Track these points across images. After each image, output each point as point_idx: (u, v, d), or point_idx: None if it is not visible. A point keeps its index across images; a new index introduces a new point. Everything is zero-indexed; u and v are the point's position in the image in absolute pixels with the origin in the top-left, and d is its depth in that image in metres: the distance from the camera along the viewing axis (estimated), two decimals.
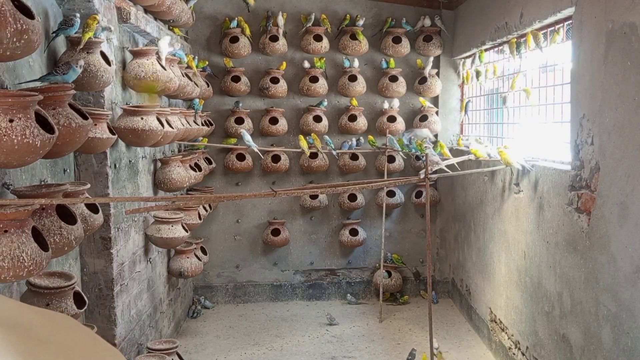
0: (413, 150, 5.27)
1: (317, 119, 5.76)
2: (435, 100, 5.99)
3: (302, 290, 6.04)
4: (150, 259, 4.19)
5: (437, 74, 5.89)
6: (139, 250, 3.92)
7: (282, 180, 5.91)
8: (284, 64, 5.74)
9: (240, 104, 5.75)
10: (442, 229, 6.10)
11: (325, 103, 5.80)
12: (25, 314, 1.04)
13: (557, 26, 3.72)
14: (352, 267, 6.12)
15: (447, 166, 4.28)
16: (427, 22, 5.75)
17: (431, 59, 5.76)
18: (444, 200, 6.01)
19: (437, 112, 5.91)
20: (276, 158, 5.73)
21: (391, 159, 5.82)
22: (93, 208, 2.83)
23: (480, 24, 4.99)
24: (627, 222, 2.67)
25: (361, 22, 5.71)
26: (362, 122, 5.79)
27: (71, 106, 2.44)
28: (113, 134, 3.04)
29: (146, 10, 3.96)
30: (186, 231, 4.18)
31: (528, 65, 4.24)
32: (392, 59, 5.78)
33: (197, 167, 4.87)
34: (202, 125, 5.14)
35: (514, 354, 4.13)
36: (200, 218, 4.76)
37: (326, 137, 5.70)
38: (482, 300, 4.88)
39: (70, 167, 3.11)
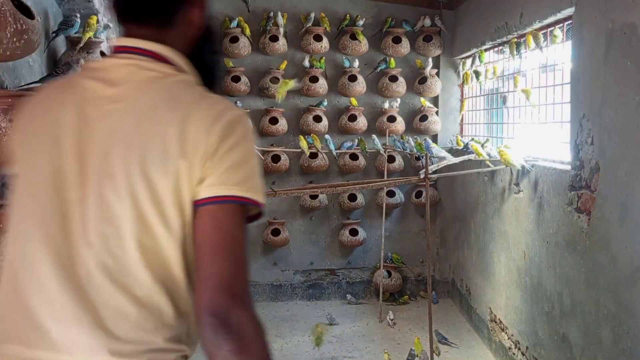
0: (410, 150, 5.30)
1: (317, 119, 5.76)
2: (435, 100, 5.99)
3: (302, 290, 6.04)
4: None
5: (437, 74, 5.89)
6: None
7: (282, 180, 5.91)
8: (284, 63, 5.73)
9: (240, 104, 5.75)
10: (442, 229, 6.09)
11: (325, 103, 5.80)
12: None
13: (556, 26, 3.72)
14: (352, 267, 6.11)
15: (447, 166, 4.29)
16: (427, 22, 5.75)
17: (431, 59, 5.76)
18: (444, 200, 6.01)
19: (437, 112, 5.91)
20: (276, 158, 5.73)
21: (391, 159, 5.81)
22: None
23: (480, 24, 4.99)
24: (627, 222, 2.67)
25: (361, 22, 5.71)
26: (362, 122, 5.79)
27: None
28: None
29: None
30: None
31: (528, 65, 4.24)
32: (392, 59, 5.78)
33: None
34: None
35: (514, 354, 4.13)
36: None
37: (327, 137, 5.70)
38: (482, 300, 4.88)
39: None
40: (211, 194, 1.09)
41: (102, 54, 2.96)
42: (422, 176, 3.54)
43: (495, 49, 5.00)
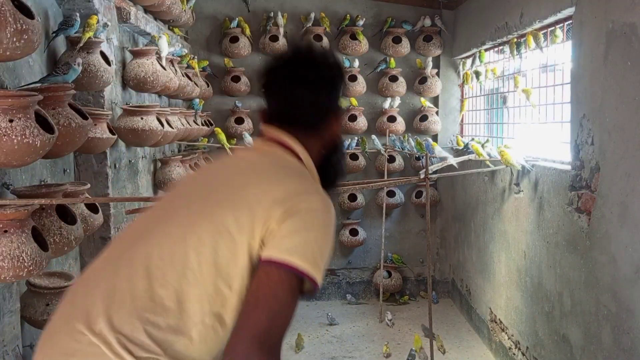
0: (409, 150, 5.32)
1: None
2: (435, 100, 5.99)
3: None
4: None
5: (437, 74, 5.89)
6: None
7: None
8: None
9: (240, 104, 5.75)
10: (442, 229, 6.09)
11: None
12: None
13: (556, 26, 3.72)
14: (352, 267, 6.11)
15: (447, 166, 4.28)
16: (427, 22, 5.75)
17: (431, 59, 5.76)
18: (444, 200, 6.01)
19: (437, 112, 5.91)
20: None
21: (391, 159, 5.81)
22: (93, 208, 2.83)
23: (480, 24, 4.98)
24: (627, 222, 2.67)
25: (361, 22, 5.71)
26: (362, 122, 5.79)
27: (71, 106, 2.44)
28: (113, 134, 3.03)
29: (146, 10, 3.96)
30: None
31: (528, 65, 4.24)
32: (392, 59, 5.78)
33: (197, 167, 4.87)
34: (202, 125, 5.14)
35: (514, 354, 4.13)
36: None
37: None
38: (482, 300, 4.88)
39: (70, 167, 3.11)
40: (273, 256, 1.26)
41: (102, 54, 2.96)
42: (422, 176, 3.54)
43: (495, 49, 5.00)
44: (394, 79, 5.80)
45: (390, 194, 5.91)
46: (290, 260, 1.24)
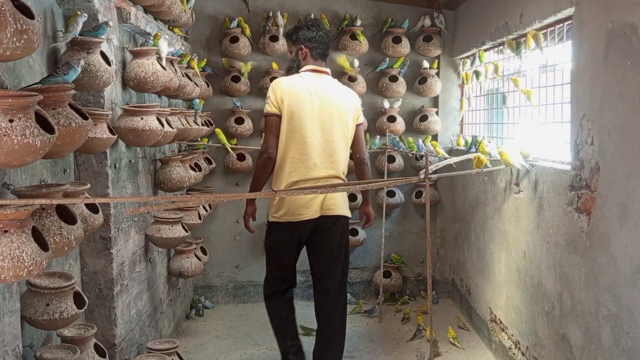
0: (402, 148, 5.32)
1: None
2: (435, 100, 5.99)
3: (302, 290, 6.04)
4: (150, 259, 4.20)
5: (437, 74, 5.89)
6: (139, 250, 3.92)
7: None
8: (275, 64, 5.73)
9: (239, 104, 5.75)
10: (442, 229, 6.10)
11: None
12: None
13: (556, 26, 3.72)
14: (352, 267, 6.11)
15: (447, 166, 4.28)
16: (427, 22, 5.75)
17: (430, 59, 5.76)
18: (444, 200, 6.01)
19: (437, 112, 5.91)
20: None
21: (391, 159, 5.81)
22: (93, 208, 2.83)
23: (480, 24, 4.99)
24: (627, 222, 2.67)
25: (359, 22, 5.71)
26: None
27: (71, 106, 2.44)
28: (113, 134, 3.03)
29: (146, 10, 3.96)
30: (186, 231, 4.18)
31: (528, 65, 4.24)
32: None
33: (197, 167, 4.87)
34: (202, 125, 5.14)
35: (514, 354, 4.13)
36: (200, 218, 4.75)
37: None
38: (482, 300, 4.88)
39: (70, 167, 3.11)
40: (359, 122, 3.94)
41: (103, 54, 2.97)
42: (422, 176, 3.53)
43: (496, 49, 5.00)
44: (394, 79, 5.80)
45: (390, 194, 5.91)
46: (362, 121, 4.00)
